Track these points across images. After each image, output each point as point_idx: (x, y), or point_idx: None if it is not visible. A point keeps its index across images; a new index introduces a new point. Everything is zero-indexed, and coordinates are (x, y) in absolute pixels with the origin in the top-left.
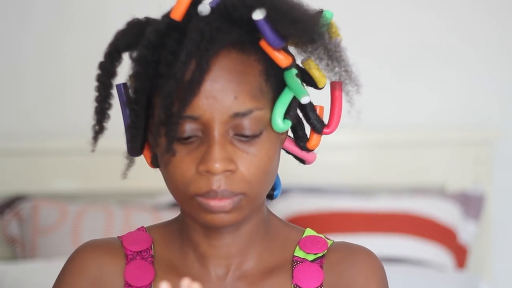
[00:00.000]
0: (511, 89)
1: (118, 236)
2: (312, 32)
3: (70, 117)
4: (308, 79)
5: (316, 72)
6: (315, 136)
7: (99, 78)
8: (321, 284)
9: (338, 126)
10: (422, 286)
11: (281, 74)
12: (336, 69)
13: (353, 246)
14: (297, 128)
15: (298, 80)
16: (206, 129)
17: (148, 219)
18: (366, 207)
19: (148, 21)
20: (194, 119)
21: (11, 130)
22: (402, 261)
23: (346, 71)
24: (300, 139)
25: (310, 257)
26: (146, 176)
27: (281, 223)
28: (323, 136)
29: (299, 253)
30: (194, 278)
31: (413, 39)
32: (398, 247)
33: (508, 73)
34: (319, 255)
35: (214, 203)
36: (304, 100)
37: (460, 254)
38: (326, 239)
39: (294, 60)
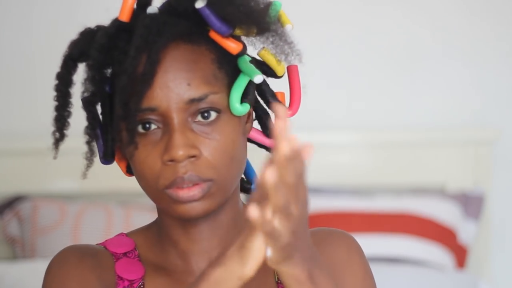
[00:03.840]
0: (511, 89)
1: (97, 243)
2: (257, 16)
3: (70, 117)
4: (266, 70)
5: (273, 60)
6: None
7: (57, 87)
8: None
9: (299, 109)
10: (422, 286)
11: (235, 61)
12: (290, 54)
13: (328, 228)
14: (262, 118)
15: (252, 65)
16: (165, 119)
17: (148, 219)
18: (366, 207)
19: (99, 28)
20: (152, 110)
21: (11, 130)
22: (402, 261)
23: (298, 55)
24: (267, 127)
25: None
26: None
27: None
28: (322, 136)
29: None
30: (178, 275)
31: (412, 39)
32: (398, 247)
33: (508, 73)
34: None
35: (183, 193)
36: (257, 79)
37: (460, 254)
38: None
39: (245, 47)
